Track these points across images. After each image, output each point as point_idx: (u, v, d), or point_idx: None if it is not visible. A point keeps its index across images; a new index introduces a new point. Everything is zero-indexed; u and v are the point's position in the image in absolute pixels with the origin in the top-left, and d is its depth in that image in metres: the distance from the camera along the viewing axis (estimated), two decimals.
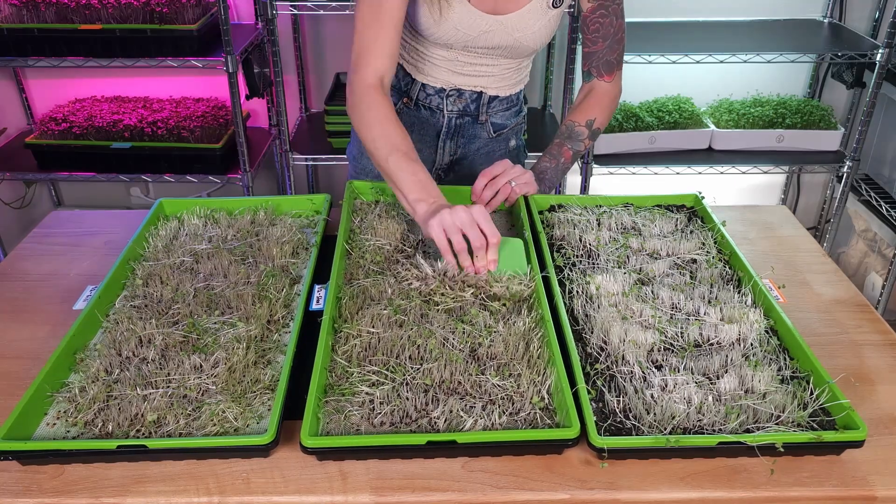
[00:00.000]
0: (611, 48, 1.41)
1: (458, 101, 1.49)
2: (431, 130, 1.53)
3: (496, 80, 1.48)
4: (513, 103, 1.55)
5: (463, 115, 1.51)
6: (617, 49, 1.42)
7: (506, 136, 1.58)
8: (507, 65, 1.46)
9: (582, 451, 0.93)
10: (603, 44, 1.41)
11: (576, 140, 1.46)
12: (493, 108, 1.52)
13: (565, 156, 1.46)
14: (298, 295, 1.18)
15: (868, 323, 1.20)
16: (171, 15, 2.20)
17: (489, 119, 1.53)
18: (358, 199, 1.41)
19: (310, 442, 0.88)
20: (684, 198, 1.42)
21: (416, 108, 1.51)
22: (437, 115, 1.51)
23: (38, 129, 2.47)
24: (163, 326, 1.07)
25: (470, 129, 1.54)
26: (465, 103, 1.49)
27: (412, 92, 1.49)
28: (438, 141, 1.54)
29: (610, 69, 1.44)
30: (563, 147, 1.46)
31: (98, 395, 0.96)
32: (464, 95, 1.48)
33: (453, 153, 1.57)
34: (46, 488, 0.89)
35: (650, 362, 1.02)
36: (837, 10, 2.60)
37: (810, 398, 0.96)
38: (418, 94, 1.49)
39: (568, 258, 1.25)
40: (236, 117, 2.29)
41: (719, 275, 1.20)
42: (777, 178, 2.95)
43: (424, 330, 1.04)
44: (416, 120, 1.52)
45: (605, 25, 1.39)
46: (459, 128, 1.53)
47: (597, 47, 1.42)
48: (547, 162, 1.46)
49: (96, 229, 1.46)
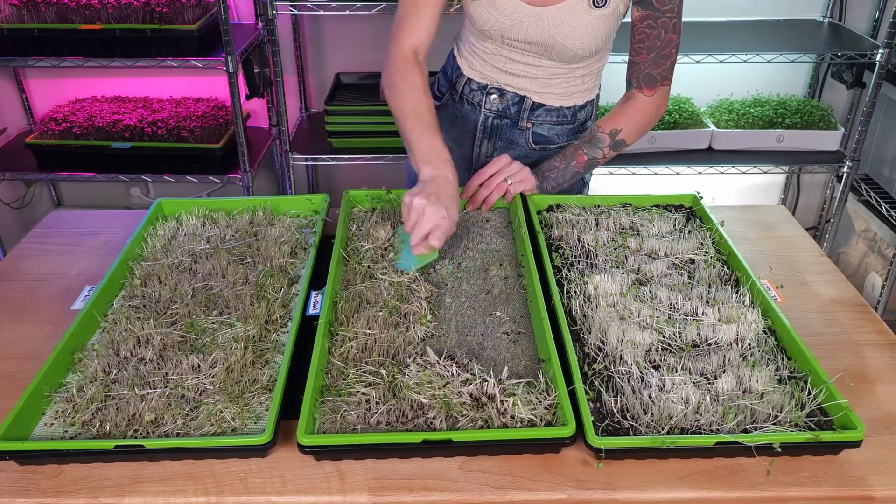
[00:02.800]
0: (655, 62, 1.35)
1: (500, 101, 1.47)
2: (471, 126, 1.52)
3: (540, 84, 1.43)
4: (566, 118, 1.48)
5: (501, 116, 1.48)
6: (663, 64, 1.36)
7: (554, 153, 1.49)
8: (552, 69, 1.41)
9: (579, 451, 0.93)
10: (647, 56, 1.35)
11: (594, 146, 1.42)
12: (538, 116, 1.47)
13: (578, 159, 1.43)
14: (296, 295, 1.18)
15: (867, 323, 1.20)
16: (171, 15, 2.20)
17: (532, 127, 1.48)
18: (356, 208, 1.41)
19: (306, 440, 0.88)
20: (683, 198, 1.42)
21: (461, 101, 1.51)
22: (478, 112, 1.49)
23: (38, 129, 2.47)
24: (161, 326, 1.07)
25: (508, 132, 1.50)
26: (507, 104, 1.47)
27: (458, 84, 1.49)
28: (475, 140, 1.52)
29: (651, 83, 1.38)
30: (578, 150, 1.43)
31: (96, 395, 0.97)
32: (506, 96, 1.46)
33: (489, 154, 1.53)
34: (44, 488, 0.89)
35: (648, 362, 1.02)
36: (837, 10, 2.60)
37: (808, 398, 0.96)
38: (463, 88, 1.49)
39: (566, 258, 1.25)
40: (236, 117, 2.30)
41: (717, 275, 1.20)
42: (777, 178, 2.95)
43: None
44: (458, 113, 1.52)
45: (652, 37, 1.33)
46: (496, 129, 1.50)
47: (640, 58, 1.36)
48: (557, 162, 1.44)
49: (96, 229, 1.46)
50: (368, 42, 2.64)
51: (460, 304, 1.16)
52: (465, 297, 1.17)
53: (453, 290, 1.19)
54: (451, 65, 1.53)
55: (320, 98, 2.75)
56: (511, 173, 1.37)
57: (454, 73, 1.51)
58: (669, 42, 1.34)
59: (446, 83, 1.54)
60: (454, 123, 1.53)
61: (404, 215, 1.17)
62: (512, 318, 1.13)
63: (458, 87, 1.50)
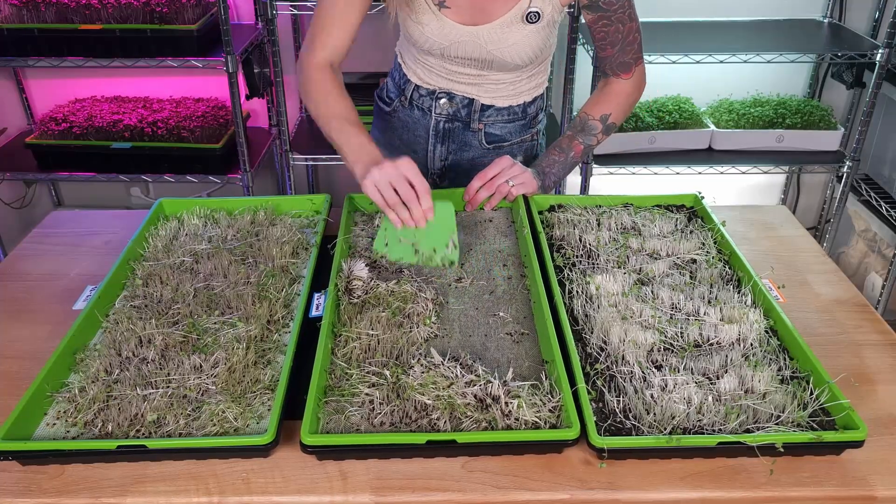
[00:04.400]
0: (623, 51, 1.37)
1: (449, 105, 1.47)
2: (423, 131, 1.52)
3: (487, 90, 1.45)
4: (517, 115, 1.50)
5: (452, 119, 1.49)
6: (630, 50, 1.38)
7: (510, 150, 1.53)
8: (496, 78, 1.42)
9: (582, 451, 0.93)
10: (612, 49, 1.37)
11: (588, 134, 1.43)
12: (489, 116, 1.48)
13: (575, 150, 1.44)
14: (298, 295, 1.18)
15: (868, 323, 1.20)
16: (171, 15, 2.20)
17: (484, 128, 1.49)
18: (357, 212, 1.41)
19: (309, 440, 0.88)
20: (684, 198, 1.42)
21: (411, 107, 1.51)
22: (428, 117, 1.50)
23: (38, 129, 2.47)
24: (163, 326, 1.07)
25: (460, 135, 1.51)
26: (457, 108, 1.47)
27: (407, 91, 1.50)
28: (429, 145, 1.53)
29: (626, 69, 1.40)
30: (573, 140, 1.44)
31: (98, 395, 0.96)
32: (455, 99, 1.46)
33: (444, 158, 1.54)
34: (46, 488, 0.89)
35: (650, 362, 1.02)
36: (837, 10, 2.60)
37: (810, 398, 0.96)
38: (412, 94, 1.49)
39: (568, 258, 1.25)
40: (236, 117, 2.29)
41: (719, 275, 1.20)
42: (777, 178, 2.95)
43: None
44: (409, 119, 1.52)
45: (612, 33, 1.35)
46: (449, 132, 1.51)
47: (606, 53, 1.38)
48: (555, 155, 1.44)
49: (96, 229, 1.46)
50: (368, 42, 2.63)
51: (464, 305, 1.16)
52: (468, 298, 1.17)
53: (457, 290, 1.19)
54: (398, 71, 1.53)
55: None
56: (512, 175, 1.37)
57: (402, 80, 1.51)
58: (630, 30, 1.35)
59: (395, 89, 1.54)
60: (406, 128, 1.54)
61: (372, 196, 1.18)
62: (515, 319, 1.13)
63: (407, 94, 1.50)
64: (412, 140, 1.53)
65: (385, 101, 1.56)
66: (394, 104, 1.54)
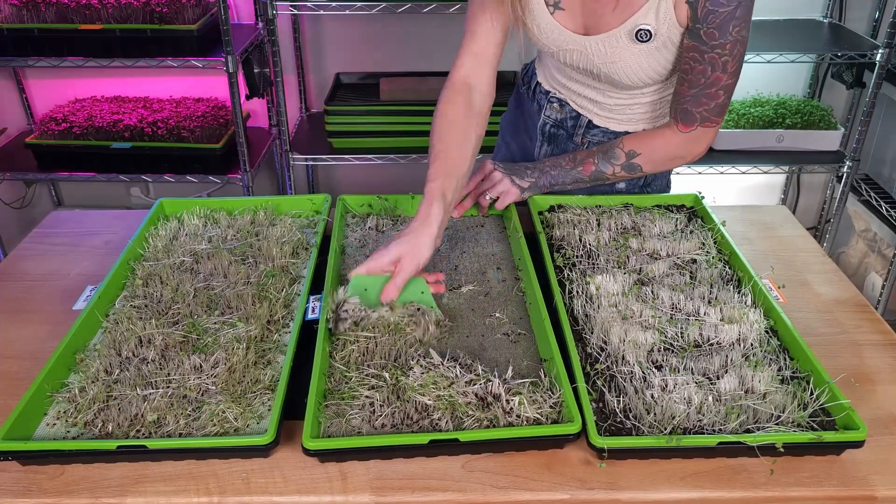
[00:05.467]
0: (696, 99, 1.21)
1: (559, 111, 1.43)
2: (533, 125, 1.51)
3: (600, 108, 1.37)
4: None
5: (559, 125, 1.45)
6: (705, 104, 1.21)
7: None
8: (614, 95, 1.33)
9: (582, 450, 0.93)
10: (688, 90, 1.21)
11: (607, 160, 1.33)
12: (594, 135, 1.40)
13: (586, 167, 1.34)
14: (298, 295, 1.18)
15: (868, 323, 1.20)
16: (171, 15, 2.20)
17: (587, 145, 1.42)
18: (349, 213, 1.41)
19: (312, 444, 0.88)
20: (684, 198, 1.42)
21: (532, 98, 1.50)
22: (539, 116, 1.48)
23: (38, 129, 2.47)
24: (163, 326, 1.07)
25: (563, 143, 1.46)
26: (564, 116, 1.43)
27: (531, 82, 1.49)
28: (536, 142, 1.51)
29: (689, 121, 1.24)
30: (589, 157, 1.34)
31: (98, 395, 0.96)
32: (565, 108, 1.42)
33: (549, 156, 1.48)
34: (46, 488, 0.89)
35: (650, 362, 1.02)
36: (837, 10, 2.60)
37: (810, 398, 0.96)
38: (535, 87, 1.48)
39: (568, 258, 1.25)
40: (236, 117, 2.29)
41: (719, 275, 1.20)
42: (777, 178, 2.95)
43: None
44: (530, 109, 1.51)
45: (696, 72, 1.18)
46: (553, 137, 1.47)
47: (682, 90, 1.22)
48: (564, 161, 1.36)
49: (96, 229, 1.46)
50: (368, 42, 2.64)
51: (459, 306, 1.16)
52: (463, 300, 1.17)
53: (451, 292, 1.19)
54: (532, 62, 1.53)
55: (320, 98, 2.75)
56: (492, 185, 1.36)
57: (531, 71, 1.51)
58: (716, 81, 1.18)
59: (526, 77, 1.53)
60: (529, 115, 1.52)
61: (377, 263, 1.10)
62: (511, 320, 1.13)
63: (531, 86, 1.49)
64: (530, 126, 1.52)
65: (523, 83, 1.55)
66: (523, 89, 1.54)
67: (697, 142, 1.27)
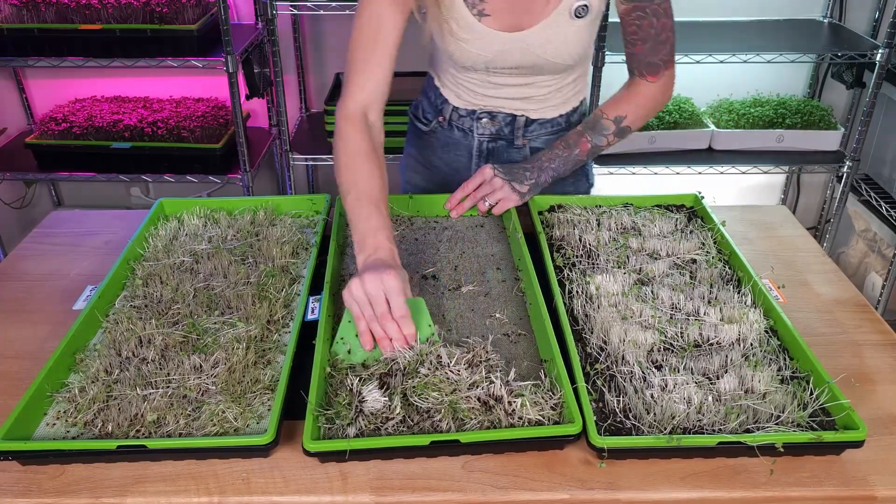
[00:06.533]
0: (653, 50, 1.30)
1: (491, 124, 1.42)
2: (465, 152, 1.48)
3: (534, 101, 1.40)
4: (559, 126, 1.44)
5: (496, 138, 1.44)
6: (662, 50, 1.30)
7: None
8: (546, 83, 1.37)
9: (582, 450, 0.93)
10: (643, 46, 1.30)
11: (598, 133, 1.37)
12: (533, 131, 1.43)
13: (581, 147, 1.38)
14: (298, 295, 1.18)
15: (868, 323, 1.20)
16: (171, 15, 2.20)
17: (528, 143, 1.45)
18: None
19: (312, 446, 0.88)
20: (684, 198, 1.42)
21: (450, 128, 1.46)
22: (469, 138, 1.45)
23: (38, 129, 2.47)
24: (163, 326, 1.07)
25: (504, 153, 1.46)
26: (498, 126, 1.42)
27: (445, 112, 1.45)
28: (472, 164, 1.48)
29: (654, 70, 1.33)
30: (582, 137, 1.38)
31: (98, 395, 0.96)
32: (497, 118, 1.41)
33: None
34: (46, 488, 0.89)
35: (650, 362, 1.02)
36: (837, 10, 2.60)
37: (810, 398, 0.96)
38: (451, 115, 1.44)
39: (568, 258, 1.25)
40: (236, 117, 2.29)
41: (719, 275, 1.20)
42: (777, 178, 2.95)
43: None
44: (450, 140, 1.48)
45: (645, 27, 1.28)
46: (492, 151, 1.46)
47: (637, 49, 1.31)
48: (559, 149, 1.38)
49: (96, 229, 1.46)
50: None
51: (459, 307, 1.16)
52: (463, 300, 1.17)
53: (452, 292, 1.19)
54: (434, 92, 1.47)
55: (320, 98, 2.75)
56: (492, 191, 1.36)
57: (438, 101, 1.46)
58: (664, 27, 1.28)
59: (432, 109, 1.48)
60: (446, 148, 1.49)
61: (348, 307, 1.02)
62: (512, 320, 1.13)
63: (446, 115, 1.45)
64: (453, 159, 1.49)
65: (422, 122, 1.51)
66: (432, 124, 1.48)
67: (668, 84, 1.37)
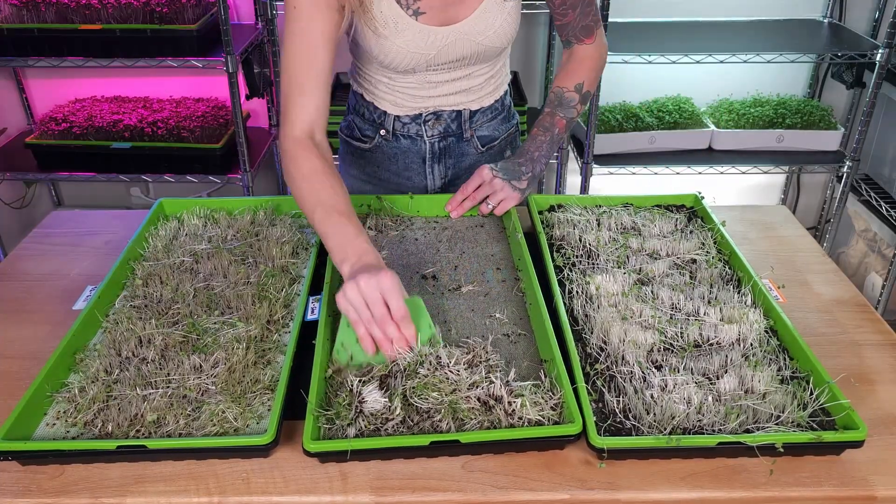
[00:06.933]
0: (583, 13, 1.36)
1: (438, 124, 1.42)
2: (416, 158, 1.47)
3: (473, 92, 1.41)
4: (497, 111, 1.48)
5: (445, 136, 1.45)
6: (590, 12, 1.37)
7: (499, 147, 1.51)
8: (480, 72, 1.39)
9: (582, 451, 0.93)
10: (573, 13, 1.36)
11: (567, 107, 1.41)
12: (477, 121, 1.45)
13: (558, 125, 1.41)
14: (298, 295, 1.18)
15: (868, 323, 1.20)
16: (171, 15, 2.20)
17: (475, 134, 1.46)
18: None
19: (312, 447, 0.88)
20: (684, 198, 1.42)
21: (395, 139, 1.44)
22: (419, 143, 1.45)
23: (38, 129, 2.47)
24: (162, 326, 1.07)
25: (456, 148, 1.47)
26: (446, 124, 1.43)
27: (386, 123, 1.43)
28: (425, 167, 1.48)
29: (588, 33, 1.39)
30: (555, 117, 1.41)
31: (98, 395, 0.96)
32: (442, 117, 1.42)
33: (444, 176, 1.50)
34: (46, 488, 0.89)
35: (650, 362, 1.02)
36: (837, 10, 2.60)
37: (810, 398, 0.96)
38: (394, 126, 1.43)
39: (568, 258, 1.25)
40: (236, 117, 2.30)
41: (719, 275, 1.20)
42: (777, 178, 2.95)
43: None
44: (397, 151, 1.46)
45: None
46: (445, 150, 1.46)
47: (567, 19, 1.37)
48: (541, 136, 1.40)
49: (96, 229, 1.46)
50: None
51: (459, 307, 1.16)
52: (463, 300, 1.17)
53: (452, 292, 1.19)
54: (366, 107, 1.44)
55: None
56: (493, 192, 1.36)
57: (376, 115, 1.43)
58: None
59: (369, 126, 1.45)
60: (394, 160, 1.47)
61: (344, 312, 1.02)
62: (511, 320, 1.13)
63: (388, 127, 1.43)
64: (403, 168, 1.48)
65: (360, 140, 1.48)
66: (374, 140, 1.46)
67: (602, 41, 1.43)
